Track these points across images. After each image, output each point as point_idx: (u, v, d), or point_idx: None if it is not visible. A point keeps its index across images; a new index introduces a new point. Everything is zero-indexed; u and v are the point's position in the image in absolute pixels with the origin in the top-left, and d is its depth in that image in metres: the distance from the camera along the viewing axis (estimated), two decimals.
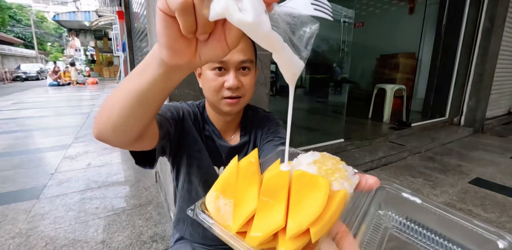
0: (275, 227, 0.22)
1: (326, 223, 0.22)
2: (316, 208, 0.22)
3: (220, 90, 0.60)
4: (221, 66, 0.59)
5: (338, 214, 0.23)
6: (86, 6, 25.29)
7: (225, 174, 0.29)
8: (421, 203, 0.27)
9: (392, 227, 0.29)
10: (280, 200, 0.24)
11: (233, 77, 0.59)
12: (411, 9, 4.71)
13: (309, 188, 0.24)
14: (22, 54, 23.24)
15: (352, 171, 0.28)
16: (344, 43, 3.13)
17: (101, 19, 11.14)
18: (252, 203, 0.24)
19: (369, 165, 2.36)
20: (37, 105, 6.24)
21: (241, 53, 0.59)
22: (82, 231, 1.48)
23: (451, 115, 3.89)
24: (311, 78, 4.98)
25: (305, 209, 0.22)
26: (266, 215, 0.23)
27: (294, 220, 0.22)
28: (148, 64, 0.32)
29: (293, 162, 0.29)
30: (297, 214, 0.22)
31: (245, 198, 0.25)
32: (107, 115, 0.39)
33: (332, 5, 1.30)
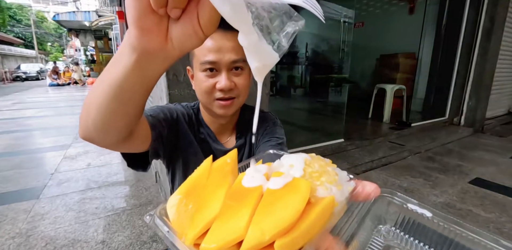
0: (233, 237, 0.17)
1: (300, 237, 0.16)
2: (287, 215, 0.16)
3: (211, 92, 0.58)
4: (212, 67, 0.57)
5: (320, 226, 0.18)
6: (86, 6, 25.29)
7: (194, 175, 0.24)
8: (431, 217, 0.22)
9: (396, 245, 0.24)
10: (247, 204, 0.18)
11: (225, 78, 0.56)
12: (411, 9, 4.71)
13: (286, 191, 0.19)
14: (22, 54, 23.24)
15: (347, 177, 0.24)
16: (344, 43, 3.13)
17: (101, 19, 11.13)
18: (216, 207, 0.19)
19: (369, 165, 2.36)
20: (37, 105, 6.24)
21: (232, 52, 0.56)
22: (82, 231, 1.48)
23: (451, 115, 3.89)
24: (311, 78, 4.98)
25: (273, 215, 0.17)
26: (227, 221, 0.18)
27: (255, 228, 0.17)
28: (121, 53, 0.29)
29: (275, 163, 0.25)
30: (262, 220, 0.17)
31: (209, 202, 0.20)
32: (87, 113, 0.35)
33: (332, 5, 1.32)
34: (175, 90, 1.24)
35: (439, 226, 0.21)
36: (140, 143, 0.49)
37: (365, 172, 2.31)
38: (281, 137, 0.68)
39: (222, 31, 0.56)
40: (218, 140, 0.69)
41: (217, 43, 0.55)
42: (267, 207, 0.18)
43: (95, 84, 0.34)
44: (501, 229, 1.51)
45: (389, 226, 0.24)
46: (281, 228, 0.16)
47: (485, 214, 1.66)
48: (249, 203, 0.18)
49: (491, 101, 3.93)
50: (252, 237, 0.16)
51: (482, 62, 3.59)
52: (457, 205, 1.77)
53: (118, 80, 0.30)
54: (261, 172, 0.22)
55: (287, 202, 0.18)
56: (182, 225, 0.20)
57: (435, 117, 3.86)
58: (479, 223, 1.57)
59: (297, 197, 0.18)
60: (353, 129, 3.23)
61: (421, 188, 2.01)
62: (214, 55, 0.55)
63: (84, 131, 0.37)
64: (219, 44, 0.55)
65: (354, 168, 2.25)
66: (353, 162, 2.31)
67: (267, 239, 0.16)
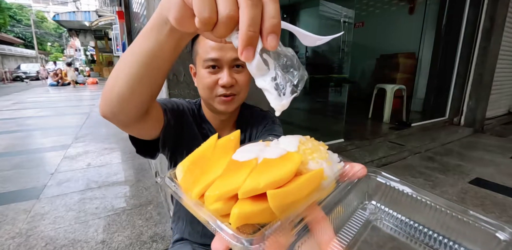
0: (233, 187, 0.20)
1: (290, 192, 0.19)
2: (280, 173, 0.20)
3: (214, 88, 0.60)
4: (214, 64, 0.59)
5: (308, 191, 0.20)
6: (86, 6, 25.30)
7: (201, 148, 0.27)
8: (411, 192, 0.25)
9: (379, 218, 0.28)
10: (246, 167, 0.22)
11: (226, 75, 0.58)
12: (411, 9, 4.71)
13: (280, 160, 0.22)
14: (22, 54, 23.25)
15: (337, 158, 0.26)
16: (344, 43, 3.13)
17: (101, 19, 11.13)
18: (219, 171, 0.23)
19: (369, 165, 2.36)
20: (37, 105, 6.24)
21: (234, 50, 0.57)
22: (82, 231, 1.48)
23: (451, 115, 3.89)
24: (311, 78, 4.98)
25: (268, 173, 0.20)
26: (228, 178, 0.21)
27: (252, 179, 0.20)
28: (151, 27, 0.32)
29: (273, 141, 0.28)
30: (258, 176, 0.20)
31: (213, 168, 0.23)
32: (113, 83, 0.39)
33: (332, 5, 1.32)
34: (175, 90, 1.24)
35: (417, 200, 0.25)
36: (153, 125, 0.52)
37: None
38: (280, 135, 0.69)
39: None
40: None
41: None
42: (263, 168, 0.21)
43: (124, 57, 0.37)
44: None
45: (374, 202, 0.28)
46: (273, 180, 0.19)
47: None
48: (247, 166, 0.22)
49: (491, 101, 3.93)
50: (249, 184, 0.19)
51: (482, 62, 3.59)
52: None
53: (153, 50, 0.34)
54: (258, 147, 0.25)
55: (281, 166, 0.21)
56: (188, 184, 0.23)
57: (435, 117, 3.86)
58: None
59: (290, 163, 0.21)
60: (353, 129, 3.23)
61: (421, 188, 2.01)
62: (217, 53, 0.57)
63: (107, 105, 0.40)
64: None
65: None
66: (353, 162, 2.31)
67: (261, 186, 0.19)
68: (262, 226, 0.20)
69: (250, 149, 0.24)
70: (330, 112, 3.94)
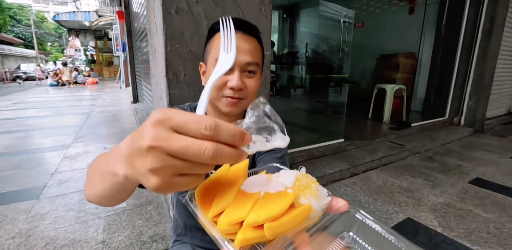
0: (239, 217, 0.26)
1: (282, 225, 0.25)
2: (276, 209, 0.25)
3: (222, 89, 0.60)
4: None
5: (297, 222, 0.26)
6: (86, 6, 25.30)
7: (216, 175, 0.32)
8: (380, 231, 0.31)
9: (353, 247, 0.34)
10: (251, 199, 0.28)
11: (237, 77, 0.58)
12: (411, 9, 4.71)
13: (278, 195, 0.28)
14: (22, 54, 23.25)
15: (326, 193, 0.31)
16: (344, 43, 3.13)
17: (101, 19, 11.14)
18: (230, 198, 0.28)
19: (369, 165, 2.36)
20: (37, 105, 6.24)
21: (248, 55, 0.58)
22: (82, 231, 1.48)
23: (451, 115, 3.89)
24: (311, 78, 4.98)
25: (268, 207, 0.26)
26: (236, 208, 0.27)
27: (254, 213, 0.26)
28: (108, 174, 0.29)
29: (274, 175, 0.33)
30: (259, 209, 0.26)
31: (226, 194, 0.29)
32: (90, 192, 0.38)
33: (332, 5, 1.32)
34: (175, 90, 1.24)
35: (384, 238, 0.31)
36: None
37: (365, 172, 2.31)
38: (284, 149, 0.69)
39: (241, 34, 0.58)
40: None
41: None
42: (263, 202, 0.27)
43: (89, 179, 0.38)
44: (501, 229, 1.51)
45: (351, 233, 0.35)
46: (270, 215, 0.25)
47: (485, 214, 1.67)
48: (252, 199, 0.28)
49: (491, 101, 3.93)
50: (251, 217, 0.25)
51: (482, 62, 3.59)
52: (457, 205, 1.77)
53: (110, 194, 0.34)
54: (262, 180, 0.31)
55: (278, 202, 0.26)
56: (205, 206, 0.29)
57: (435, 117, 3.86)
58: (479, 223, 1.57)
59: (285, 200, 0.26)
60: (353, 129, 3.23)
61: (421, 188, 2.01)
62: None
63: (90, 200, 0.40)
64: (237, 44, 0.57)
65: (354, 168, 2.25)
66: (353, 162, 2.31)
67: (261, 220, 0.24)
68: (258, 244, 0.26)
69: (255, 182, 0.31)
70: (330, 112, 3.94)
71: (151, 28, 1.49)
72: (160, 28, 1.20)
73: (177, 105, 0.72)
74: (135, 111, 4.97)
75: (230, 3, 1.30)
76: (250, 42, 0.59)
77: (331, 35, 3.22)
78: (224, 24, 0.41)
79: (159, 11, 1.17)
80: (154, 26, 1.35)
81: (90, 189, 0.38)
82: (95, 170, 0.36)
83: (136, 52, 5.23)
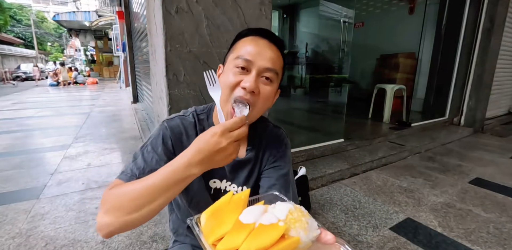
0: (234, 246, 0.30)
1: None
2: (266, 241, 0.29)
3: (234, 89, 0.57)
4: (244, 66, 0.57)
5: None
6: (86, 6, 25.30)
7: (220, 201, 0.38)
8: None
9: None
10: (246, 229, 0.32)
11: (252, 79, 0.56)
12: (411, 9, 4.71)
13: (270, 227, 0.31)
14: (22, 54, 23.24)
15: (316, 226, 0.35)
16: (344, 43, 3.13)
17: (101, 19, 11.13)
18: (228, 227, 0.33)
19: (369, 165, 2.36)
20: (37, 105, 6.24)
21: (269, 61, 0.58)
22: (82, 231, 1.48)
23: (451, 115, 3.89)
24: (311, 78, 4.97)
25: (259, 239, 0.30)
26: (233, 237, 0.31)
27: (247, 244, 0.30)
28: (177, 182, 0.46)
29: (271, 206, 0.37)
30: (252, 240, 0.30)
31: (226, 222, 0.34)
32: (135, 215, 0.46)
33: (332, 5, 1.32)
34: (175, 90, 1.24)
35: None
36: None
37: (365, 172, 2.31)
38: (289, 162, 0.71)
39: (268, 41, 0.60)
40: None
41: (259, 48, 0.58)
42: (256, 233, 0.31)
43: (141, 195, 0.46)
44: (501, 229, 1.51)
45: None
46: (260, 247, 0.29)
47: (485, 214, 1.67)
48: (247, 229, 0.32)
49: (491, 101, 3.93)
50: (243, 248, 0.29)
51: (482, 62, 3.59)
52: (457, 205, 1.77)
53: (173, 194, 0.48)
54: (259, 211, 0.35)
55: (269, 234, 0.30)
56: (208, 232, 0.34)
57: (435, 117, 3.86)
58: (479, 223, 1.57)
59: (276, 232, 0.30)
60: (353, 129, 3.23)
61: (421, 188, 2.01)
62: (252, 56, 0.57)
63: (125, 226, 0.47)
64: (261, 49, 0.58)
65: (354, 168, 2.25)
66: (353, 162, 2.31)
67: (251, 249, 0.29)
68: None
69: (252, 211, 0.35)
70: (330, 112, 3.94)
71: (151, 28, 1.49)
72: (160, 28, 1.20)
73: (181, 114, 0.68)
74: (135, 111, 4.97)
75: (230, 3, 1.30)
76: (274, 51, 0.60)
77: (331, 35, 3.22)
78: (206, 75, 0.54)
79: (159, 11, 1.17)
80: (154, 26, 1.35)
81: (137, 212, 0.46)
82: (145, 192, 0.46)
83: (136, 52, 5.23)
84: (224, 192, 0.67)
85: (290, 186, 0.68)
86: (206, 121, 0.67)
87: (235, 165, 0.67)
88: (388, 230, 1.49)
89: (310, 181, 1.94)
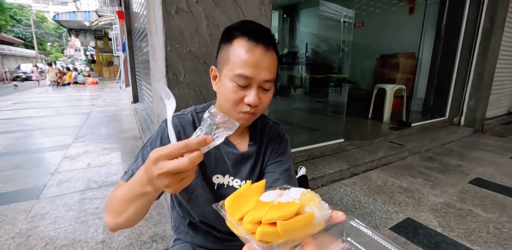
0: (259, 216, 0.34)
1: (291, 223, 0.32)
2: (286, 212, 0.33)
3: (238, 104, 0.59)
4: (245, 83, 0.57)
5: (301, 225, 0.33)
6: (86, 6, 25.29)
7: (240, 189, 0.42)
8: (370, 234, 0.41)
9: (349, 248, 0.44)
10: (267, 205, 0.36)
11: (254, 94, 0.57)
12: (411, 9, 4.71)
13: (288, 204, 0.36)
14: (22, 54, 23.25)
15: (328, 207, 0.39)
16: (344, 43, 3.13)
17: (101, 19, 11.14)
18: (251, 206, 0.37)
19: (369, 165, 2.36)
20: (37, 105, 6.24)
21: (268, 71, 0.57)
22: (82, 231, 1.48)
23: (451, 115, 3.89)
24: (311, 78, 4.98)
25: (280, 211, 0.34)
26: (257, 211, 0.35)
27: (270, 213, 0.33)
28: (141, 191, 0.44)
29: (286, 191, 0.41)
30: (274, 212, 0.34)
31: (248, 203, 0.38)
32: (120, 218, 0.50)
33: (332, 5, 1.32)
34: (175, 90, 1.24)
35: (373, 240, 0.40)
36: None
37: (365, 172, 2.31)
38: (290, 158, 0.74)
39: (263, 48, 0.56)
40: (230, 142, 0.69)
41: (257, 59, 0.56)
42: (277, 208, 0.35)
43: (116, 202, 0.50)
44: (501, 229, 1.51)
45: (349, 239, 0.44)
46: (282, 215, 0.33)
47: (485, 214, 1.67)
48: (268, 205, 0.36)
49: (491, 101, 3.93)
50: (267, 216, 0.33)
51: (482, 62, 3.59)
52: (457, 205, 1.77)
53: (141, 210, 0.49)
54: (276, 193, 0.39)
55: (288, 208, 0.34)
56: (232, 211, 0.37)
57: (435, 117, 3.86)
58: (479, 223, 1.57)
59: (293, 207, 0.34)
60: (353, 129, 3.23)
61: (421, 188, 2.01)
62: (251, 71, 0.56)
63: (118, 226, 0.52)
64: (258, 60, 0.56)
65: (354, 168, 2.25)
66: (353, 162, 2.31)
67: (275, 218, 0.32)
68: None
69: (271, 194, 0.39)
70: (330, 112, 3.94)
71: (151, 28, 1.49)
72: (160, 28, 1.20)
73: (180, 113, 0.69)
74: (135, 111, 4.97)
75: (230, 3, 1.30)
76: (270, 57, 0.58)
77: (331, 35, 3.23)
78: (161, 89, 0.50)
79: (159, 11, 1.17)
80: (154, 26, 1.35)
81: (120, 216, 0.49)
82: (121, 200, 0.48)
83: (136, 52, 5.23)
84: (227, 187, 0.69)
85: (293, 181, 0.71)
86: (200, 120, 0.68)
87: (238, 159, 0.68)
88: (388, 230, 1.49)
89: (310, 181, 1.94)
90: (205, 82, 1.31)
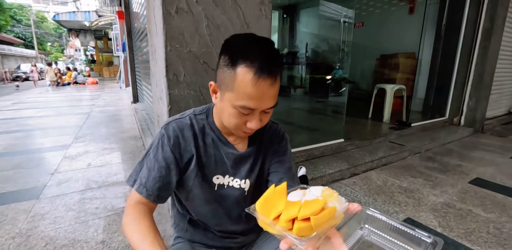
0: (293, 214, 0.39)
1: (321, 217, 0.38)
2: (315, 208, 0.39)
3: (240, 127, 0.60)
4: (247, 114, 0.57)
5: (328, 218, 0.39)
6: (86, 6, 25.27)
7: (266, 193, 0.46)
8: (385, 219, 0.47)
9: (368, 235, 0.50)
10: (297, 204, 0.41)
11: (257, 120, 0.58)
12: (411, 9, 4.71)
13: (314, 201, 0.41)
14: (22, 54, 23.24)
15: (344, 200, 0.44)
16: (344, 43, 3.13)
17: (101, 19, 11.13)
18: (282, 206, 0.42)
19: (369, 165, 2.36)
20: (37, 105, 6.24)
21: (271, 99, 0.57)
22: (82, 231, 1.48)
23: (451, 115, 3.89)
24: (311, 78, 4.98)
25: (309, 208, 0.39)
26: (290, 210, 0.40)
27: (302, 212, 0.39)
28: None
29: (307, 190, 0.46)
30: (305, 209, 0.39)
31: (277, 204, 0.43)
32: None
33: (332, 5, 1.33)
34: (175, 90, 1.24)
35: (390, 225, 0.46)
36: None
37: (365, 172, 2.31)
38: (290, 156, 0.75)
39: (271, 80, 0.53)
40: (229, 142, 0.69)
41: (262, 91, 0.53)
42: (306, 205, 0.40)
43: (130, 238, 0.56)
44: (501, 229, 1.51)
45: (367, 225, 0.50)
46: (313, 211, 0.38)
47: (485, 214, 1.67)
48: (297, 204, 0.41)
49: (491, 101, 3.92)
50: (301, 213, 0.38)
51: (482, 62, 3.59)
52: (457, 205, 1.77)
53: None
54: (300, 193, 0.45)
55: (315, 205, 0.40)
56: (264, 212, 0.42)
57: (435, 117, 3.86)
58: (479, 223, 1.57)
59: (319, 203, 0.40)
60: (353, 129, 3.23)
61: (421, 188, 2.01)
62: (255, 103, 0.54)
63: None
64: (263, 92, 0.54)
65: (354, 168, 2.25)
66: (353, 162, 2.31)
67: (308, 214, 0.38)
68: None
69: (296, 194, 0.44)
70: (330, 112, 3.94)
71: (151, 28, 1.49)
72: (160, 28, 1.20)
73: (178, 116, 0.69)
74: (135, 111, 4.97)
75: (230, 3, 1.30)
76: (276, 86, 0.55)
77: (331, 35, 3.23)
78: None
79: (159, 11, 1.17)
80: (154, 26, 1.35)
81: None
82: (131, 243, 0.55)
83: (136, 52, 5.23)
84: (227, 187, 0.69)
85: (295, 179, 0.73)
86: (206, 120, 0.69)
87: (237, 159, 0.69)
88: None
89: (310, 181, 1.94)
90: (205, 83, 1.31)
